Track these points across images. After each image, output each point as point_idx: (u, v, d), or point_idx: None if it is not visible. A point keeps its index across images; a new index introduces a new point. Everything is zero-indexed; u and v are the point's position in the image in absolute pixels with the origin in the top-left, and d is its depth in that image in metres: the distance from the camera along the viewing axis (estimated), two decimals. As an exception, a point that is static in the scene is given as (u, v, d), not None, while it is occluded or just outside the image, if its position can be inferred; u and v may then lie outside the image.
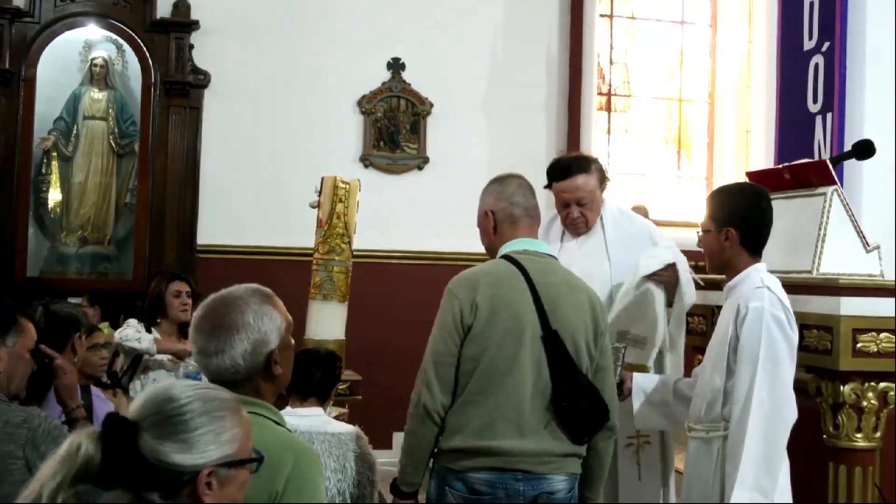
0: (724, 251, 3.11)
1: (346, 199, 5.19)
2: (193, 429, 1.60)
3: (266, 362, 2.09)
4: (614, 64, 8.95)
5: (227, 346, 2.06)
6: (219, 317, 2.09)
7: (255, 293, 2.14)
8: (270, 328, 2.10)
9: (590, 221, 3.77)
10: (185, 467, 1.58)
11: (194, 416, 1.61)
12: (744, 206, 3.13)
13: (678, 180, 9.07)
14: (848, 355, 3.33)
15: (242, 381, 2.08)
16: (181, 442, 1.59)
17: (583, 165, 3.78)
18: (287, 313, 2.19)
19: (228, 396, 1.71)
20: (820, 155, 6.59)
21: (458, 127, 8.07)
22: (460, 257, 7.82)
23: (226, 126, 7.70)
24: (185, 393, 1.64)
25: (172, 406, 1.61)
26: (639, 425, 3.49)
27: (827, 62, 6.75)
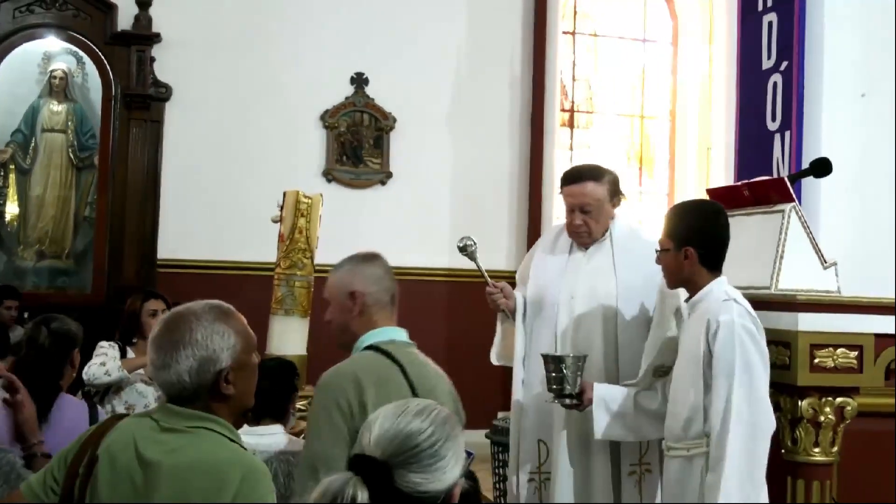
0: (684, 269, 3.14)
1: (309, 213, 5.18)
2: (442, 456, 1.70)
3: (215, 381, 2.08)
4: (577, 80, 9.02)
5: (172, 361, 2.06)
6: (170, 332, 2.09)
7: (212, 310, 2.13)
8: (221, 346, 2.08)
9: (592, 231, 3.74)
10: (444, 490, 1.69)
11: (441, 445, 1.71)
12: (702, 224, 3.17)
13: (639, 196, 9.14)
14: (806, 370, 3.36)
15: (191, 398, 2.08)
16: (436, 470, 1.68)
17: (594, 174, 3.77)
18: (248, 332, 2.17)
19: (447, 410, 1.79)
20: (778, 172, 6.67)
21: (421, 142, 8.09)
22: (423, 272, 7.85)
23: (187, 139, 7.65)
24: (423, 425, 1.71)
25: (419, 441, 1.69)
26: (599, 436, 3.48)
27: (785, 81, 6.84)
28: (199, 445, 2.03)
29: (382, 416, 1.72)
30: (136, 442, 2.06)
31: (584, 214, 3.71)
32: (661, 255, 3.20)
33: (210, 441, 2.03)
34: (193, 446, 2.03)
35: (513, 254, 8.06)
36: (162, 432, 2.06)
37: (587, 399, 3.40)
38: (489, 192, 8.21)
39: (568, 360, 3.39)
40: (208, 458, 2.00)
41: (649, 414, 3.32)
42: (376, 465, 1.65)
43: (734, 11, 7.66)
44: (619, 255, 3.72)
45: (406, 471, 1.66)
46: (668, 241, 3.19)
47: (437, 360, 2.91)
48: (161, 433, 2.06)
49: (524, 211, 8.28)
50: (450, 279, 7.89)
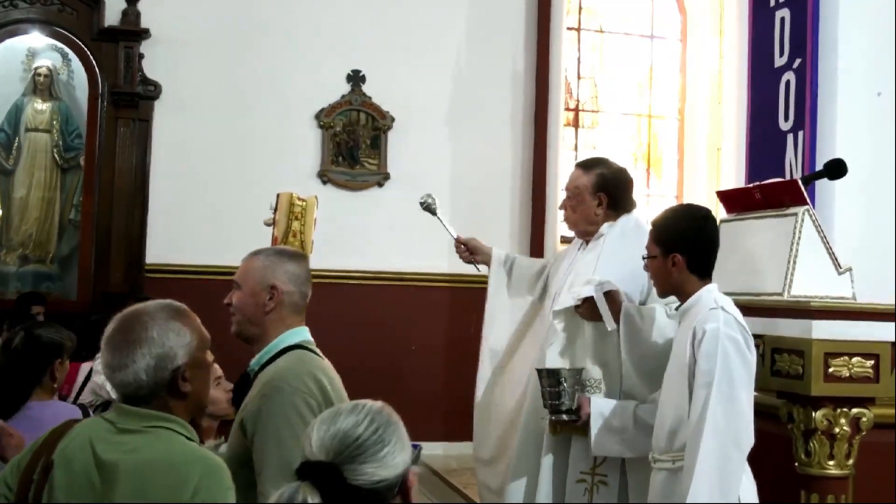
0: (672, 276, 3.16)
1: (303, 216, 5.18)
2: (387, 441, 1.78)
3: (172, 379, 2.14)
4: (582, 79, 9.02)
5: (129, 361, 2.12)
6: (124, 332, 2.15)
7: (165, 309, 2.20)
8: (177, 344, 2.15)
9: (569, 219, 3.83)
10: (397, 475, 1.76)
11: (382, 431, 1.78)
12: (689, 230, 3.18)
13: (647, 199, 9.14)
14: (820, 380, 3.37)
15: (148, 397, 2.14)
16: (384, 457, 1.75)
17: (589, 163, 3.87)
18: (202, 330, 2.24)
19: (379, 402, 1.87)
20: (791, 174, 6.68)
21: (420, 142, 8.09)
22: (422, 277, 7.85)
23: (177, 139, 7.66)
24: (360, 417, 1.79)
25: (360, 433, 1.76)
26: (596, 452, 3.48)
27: (798, 79, 6.85)
28: (156, 445, 2.09)
29: (318, 422, 1.79)
30: (92, 444, 2.11)
31: (567, 200, 3.80)
32: (648, 261, 3.22)
33: (167, 440, 2.10)
34: (151, 446, 2.09)
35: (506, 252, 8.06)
36: (118, 433, 2.12)
37: (584, 414, 3.40)
38: (491, 195, 8.21)
39: (565, 374, 3.39)
40: (166, 457, 2.06)
41: (649, 429, 3.32)
42: (323, 467, 1.71)
43: (745, 6, 7.68)
44: (607, 252, 3.75)
45: (355, 465, 1.72)
46: (654, 247, 3.20)
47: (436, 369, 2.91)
48: (117, 434, 2.12)
49: (527, 214, 8.28)
50: (450, 284, 7.89)
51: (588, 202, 3.79)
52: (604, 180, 3.80)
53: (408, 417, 3.57)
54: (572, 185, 3.82)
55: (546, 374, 3.43)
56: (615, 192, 3.83)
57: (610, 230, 3.80)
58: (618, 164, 3.98)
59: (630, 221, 3.85)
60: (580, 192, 3.79)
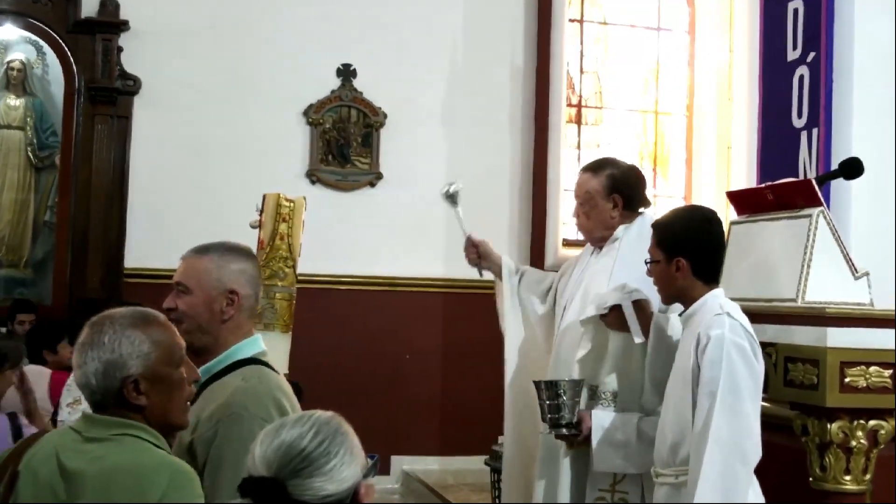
0: (676, 281, 3.17)
1: (291, 218, 5.18)
2: (334, 454, 1.77)
3: (121, 388, 2.16)
4: (584, 73, 9.03)
5: (81, 362, 2.18)
6: (87, 334, 2.21)
7: (131, 316, 2.22)
8: (129, 353, 2.17)
9: (584, 227, 3.81)
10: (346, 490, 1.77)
11: (328, 443, 1.78)
12: (694, 232, 3.18)
13: (654, 200, 9.13)
14: (835, 391, 3.37)
15: (103, 403, 2.18)
16: (331, 471, 1.76)
17: (595, 165, 3.86)
18: (171, 344, 2.23)
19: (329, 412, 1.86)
20: (805, 174, 6.68)
21: (414, 140, 8.10)
22: (416, 283, 7.85)
23: (157, 137, 7.65)
24: (304, 429, 1.79)
25: (304, 445, 1.76)
26: (598, 467, 3.48)
27: (812, 74, 6.86)
28: (122, 452, 2.13)
29: (262, 435, 1.80)
30: (58, 454, 2.16)
31: (579, 207, 3.79)
32: (651, 266, 3.23)
33: (134, 447, 2.13)
34: (116, 453, 2.12)
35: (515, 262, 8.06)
36: (84, 442, 2.16)
37: (585, 428, 3.40)
38: (489, 196, 8.21)
39: (564, 386, 3.39)
40: (132, 464, 2.10)
41: (652, 443, 3.31)
42: (266, 483, 1.72)
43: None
44: (623, 256, 3.73)
45: (300, 479, 1.73)
46: (657, 251, 3.21)
47: (431, 380, 2.92)
48: (84, 443, 2.16)
49: (527, 215, 8.28)
50: (446, 290, 7.89)
51: (602, 206, 3.78)
52: (615, 181, 3.79)
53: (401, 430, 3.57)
54: (582, 190, 3.80)
55: (544, 387, 3.42)
56: (629, 192, 3.82)
57: (626, 233, 3.79)
58: (626, 163, 3.99)
59: (646, 223, 3.84)
60: (592, 196, 3.78)
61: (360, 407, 7.38)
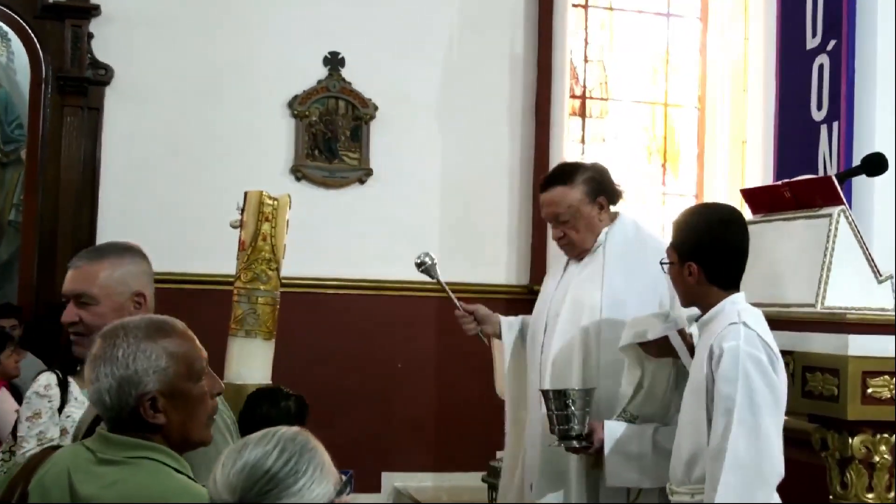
0: (690, 287, 3.18)
1: (274, 217, 5.18)
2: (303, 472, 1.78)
3: (136, 406, 2.13)
4: (589, 62, 9.04)
5: (93, 378, 2.15)
6: (100, 346, 2.18)
7: (147, 326, 2.19)
8: (145, 368, 2.14)
9: (577, 242, 3.76)
10: None
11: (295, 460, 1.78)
12: (707, 238, 3.18)
13: (663, 198, 9.16)
14: (857, 402, 3.37)
15: (117, 421, 2.15)
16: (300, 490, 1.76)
17: (565, 175, 3.80)
18: (190, 357, 2.21)
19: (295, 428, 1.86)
20: (825, 170, 6.69)
21: (406, 134, 8.10)
22: (409, 287, 7.84)
23: (131, 130, 7.65)
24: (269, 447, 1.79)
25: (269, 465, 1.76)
26: (611, 482, 3.48)
27: (833, 63, 6.87)
28: (138, 477, 2.09)
29: (223, 458, 1.79)
30: (70, 475, 2.13)
31: (562, 225, 3.72)
32: (668, 268, 3.24)
33: (151, 472, 2.10)
34: (132, 479, 2.09)
35: (514, 265, 8.07)
36: (98, 464, 2.13)
37: (597, 440, 3.39)
38: (486, 193, 8.22)
39: (573, 395, 3.39)
40: (148, 492, 2.06)
41: (668, 455, 3.31)
42: None
43: (773, -19, 7.70)
44: (612, 261, 3.72)
45: (268, 502, 1.73)
46: (672, 252, 3.22)
47: (426, 392, 2.91)
48: (97, 465, 2.13)
49: (527, 215, 8.28)
50: (441, 295, 7.87)
51: (588, 214, 3.76)
52: (596, 183, 3.79)
53: (392, 445, 3.57)
54: (563, 206, 3.73)
55: (553, 396, 3.41)
56: (611, 189, 3.83)
57: (608, 238, 3.77)
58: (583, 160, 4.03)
59: (627, 224, 3.83)
60: (576, 208, 3.75)
61: (348, 420, 7.40)
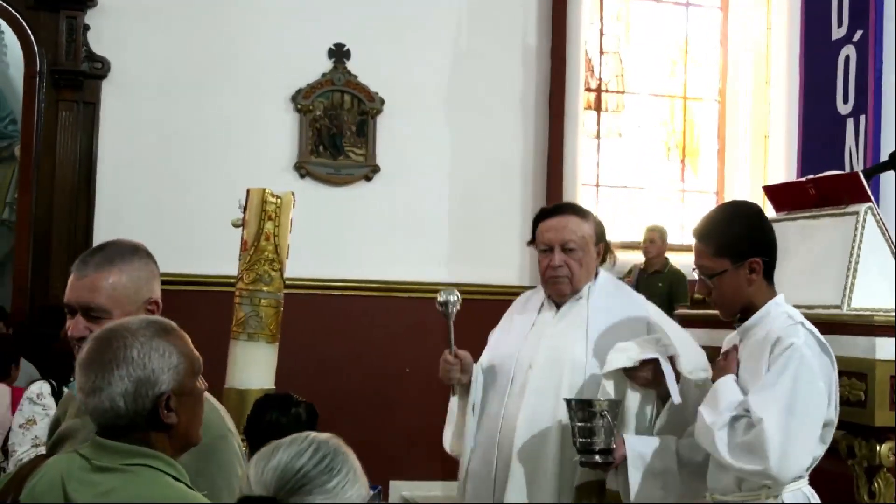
0: (745, 290, 3.09)
1: (277, 216, 5.18)
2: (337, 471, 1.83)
3: (154, 407, 2.13)
4: (605, 54, 9.04)
5: (104, 384, 2.11)
6: (100, 350, 2.15)
7: (150, 326, 2.19)
8: (161, 367, 2.14)
9: (575, 276, 3.60)
10: None
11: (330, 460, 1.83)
12: (756, 230, 3.14)
13: (682, 195, 9.15)
14: (885, 408, 3.37)
15: (127, 428, 2.13)
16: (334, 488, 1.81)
17: (578, 209, 3.75)
18: (193, 354, 2.23)
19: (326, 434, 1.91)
20: (851, 166, 6.69)
21: (414, 129, 8.10)
22: (416, 287, 7.84)
23: (128, 125, 7.66)
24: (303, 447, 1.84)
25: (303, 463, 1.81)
26: (634, 500, 3.39)
27: (860, 53, 6.87)
28: (135, 486, 2.09)
29: (256, 459, 1.83)
30: (63, 484, 2.12)
31: (566, 254, 3.59)
32: (715, 281, 3.12)
33: (149, 480, 2.09)
34: (129, 487, 2.08)
35: (527, 266, 8.05)
36: (94, 472, 2.12)
37: (619, 456, 3.31)
38: (497, 191, 8.22)
39: (600, 406, 3.28)
40: (147, 500, 2.06)
41: (694, 468, 3.27)
42: (264, 502, 1.76)
43: (797, -31, 7.70)
44: (596, 314, 3.59)
45: (301, 497, 1.78)
46: (720, 260, 3.11)
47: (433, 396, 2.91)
48: (93, 473, 2.12)
49: (540, 213, 8.28)
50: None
51: (591, 253, 3.68)
52: (601, 228, 3.72)
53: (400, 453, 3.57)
54: (577, 234, 3.60)
55: (577, 407, 3.29)
56: (606, 241, 3.77)
57: (591, 290, 3.68)
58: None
59: (608, 280, 3.75)
60: (587, 242, 3.67)
61: (354, 426, 7.38)
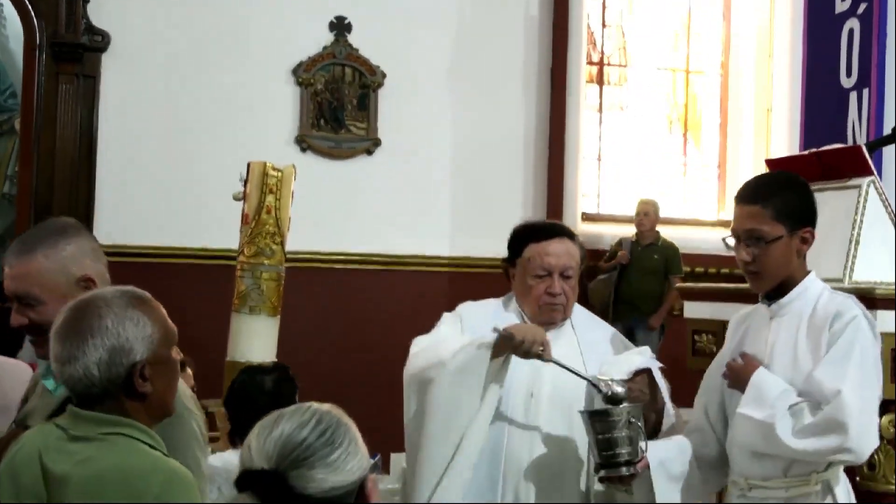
0: (793, 261, 3.00)
1: (278, 189, 5.19)
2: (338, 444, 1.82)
3: (128, 376, 2.16)
4: (607, 27, 9.02)
5: (79, 353, 2.14)
6: (75, 320, 2.17)
7: (123, 295, 2.21)
8: (135, 336, 2.17)
9: (569, 306, 3.49)
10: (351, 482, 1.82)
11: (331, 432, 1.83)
12: (811, 199, 3.05)
13: (684, 169, 9.15)
14: (886, 380, 3.37)
15: (101, 396, 2.16)
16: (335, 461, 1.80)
17: (571, 232, 3.56)
18: (167, 323, 2.26)
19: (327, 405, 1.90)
20: (854, 139, 6.69)
21: (416, 103, 8.09)
22: (419, 261, 7.86)
23: (128, 99, 7.65)
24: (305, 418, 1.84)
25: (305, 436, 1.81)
26: None
27: (864, 27, 6.85)
28: (111, 454, 2.12)
29: (257, 431, 1.83)
30: (41, 455, 2.15)
31: (566, 281, 3.45)
32: (762, 249, 2.98)
33: (125, 448, 2.13)
34: (105, 455, 2.12)
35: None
36: (70, 441, 2.15)
37: (641, 465, 3.12)
38: (499, 165, 8.22)
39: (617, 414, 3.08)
40: (122, 468, 2.09)
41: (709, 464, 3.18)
42: (266, 475, 1.76)
43: (800, -59, 7.67)
44: (586, 344, 3.49)
45: (303, 470, 1.77)
46: (777, 225, 2.97)
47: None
48: (69, 442, 2.15)
49: (543, 187, 8.29)
50: (451, 269, 7.91)
51: (576, 279, 3.64)
52: (583, 252, 3.65)
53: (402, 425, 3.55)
54: (575, 261, 3.46)
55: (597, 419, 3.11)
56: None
57: (574, 315, 3.63)
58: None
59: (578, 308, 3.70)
60: (579, 268, 3.63)
61: (356, 399, 7.38)
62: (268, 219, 5.15)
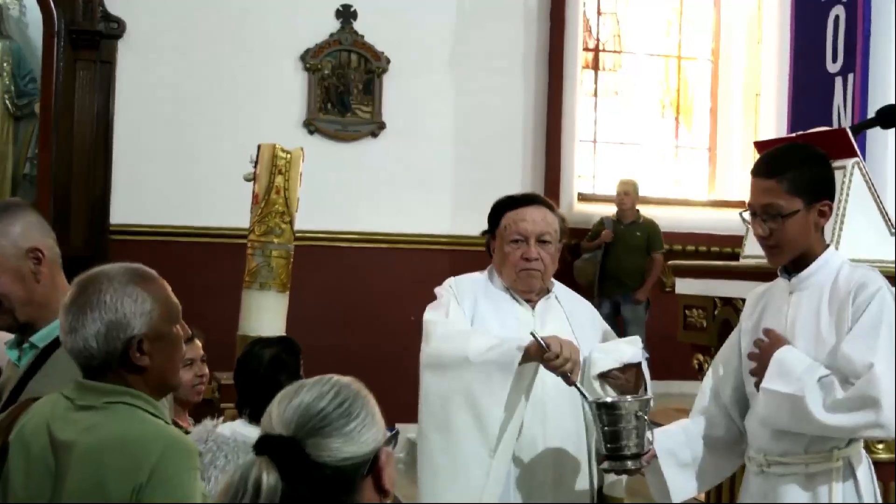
0: (810, 234, 2.87)
1: (287, 171, 5.19)
2: (355, 415, 1.80)
3: (125, 349, 2.18)
4: (602, 14, 8.99)
5: (79, 325, 2.17)
6: (78, 295, 2.20)
7: (126, 272, 2.24)
8: (133, 311, 2.18)
9: (546, 274, 3.40)
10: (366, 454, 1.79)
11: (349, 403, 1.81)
12: (830, 172, 2.93)
13: (676, 151, 9.14)
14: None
15: (101, 368, 2.18)
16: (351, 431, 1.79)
17: (548, 202, 3.50)
18: (170, 300, 2.27)
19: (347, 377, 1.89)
20: (839, 122, 6.66)
21: (419, 87, 8.08)
22: (421, 240, 7.86)
23: (143, 84, 7.64)
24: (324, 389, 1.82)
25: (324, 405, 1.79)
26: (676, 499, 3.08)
27: (849, 14, 6.82)
28: (114, 422, 2.14)
29: (279, 399, 1.82)
30: (49, 424, 2.17)
31: (541, 246, 3.36)
32: (778, 223, 2.85)
33: (127, 416, 2.14)
34: (108, 423, 2.13)
35: (527, 219, 8.06)
36: (77, 411, 2.17)
37: (649, 456, 3.03)
38: (499, 147, 8.20)
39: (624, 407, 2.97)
40: (124, 435, 2.11)
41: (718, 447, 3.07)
42: (283, 441, 1.75)
43: (788, -69, 7.62)
44: (573, 319, 3.41)
45: (319, 439, 1.76)
46: (793, 199, 2.83)
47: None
48: (76, 412, 2.17)
49: (540, 168, 8.28)
50: (453, 248, 7.90)
51: (557, 248, 3.42)
52: (564, 226, 3.55)
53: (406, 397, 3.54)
54: (551, 227, 3.38)
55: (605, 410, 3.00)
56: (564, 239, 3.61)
57: (555, 287, 3.49)
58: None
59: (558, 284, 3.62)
60: (556, 235, 3.49)
61: (362, 372, 7.40)
62: (277, 199, 5.15)
